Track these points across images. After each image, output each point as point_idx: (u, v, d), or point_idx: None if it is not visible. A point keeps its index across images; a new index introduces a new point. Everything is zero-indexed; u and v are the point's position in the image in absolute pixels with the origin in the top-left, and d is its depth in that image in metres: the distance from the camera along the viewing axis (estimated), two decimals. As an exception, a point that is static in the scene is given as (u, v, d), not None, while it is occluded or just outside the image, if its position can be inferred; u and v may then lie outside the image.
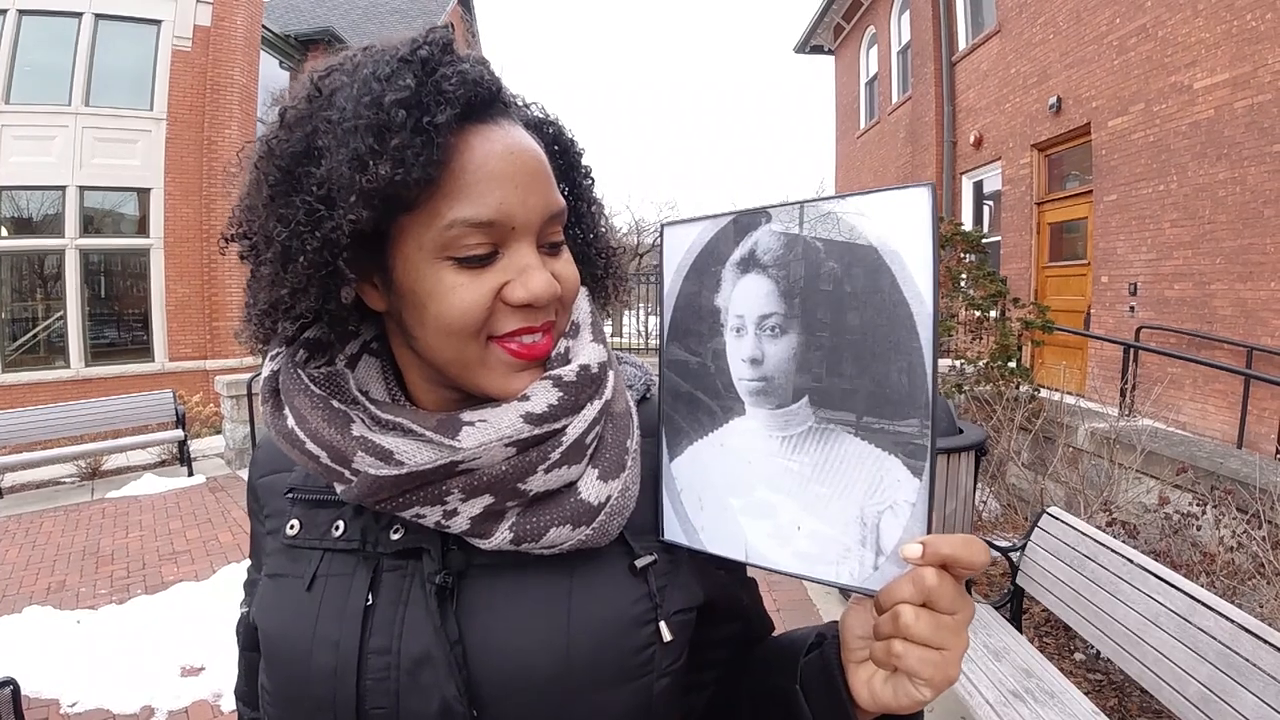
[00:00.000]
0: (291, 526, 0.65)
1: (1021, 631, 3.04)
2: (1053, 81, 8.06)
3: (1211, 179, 5.95)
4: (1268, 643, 1.91)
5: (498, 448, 0.54)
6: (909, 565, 0.48)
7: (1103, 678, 3.15)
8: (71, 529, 5.81)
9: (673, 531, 0.62)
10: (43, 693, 3.24)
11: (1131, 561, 2.50)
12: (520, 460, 0.55)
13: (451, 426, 0.55)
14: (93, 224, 10.89)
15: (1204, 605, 2.14)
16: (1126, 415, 5.34)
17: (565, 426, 0.56)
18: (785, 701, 0.59)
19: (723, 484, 0.58)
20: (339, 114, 0.51)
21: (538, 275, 0.55)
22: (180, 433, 7.72)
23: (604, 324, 0.69)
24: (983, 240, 6.89)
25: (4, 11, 10.01)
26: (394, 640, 0.57)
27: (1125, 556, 2.54)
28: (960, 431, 4.33)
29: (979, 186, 10.28)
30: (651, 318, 13.53)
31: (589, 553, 0.59)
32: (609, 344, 0.65)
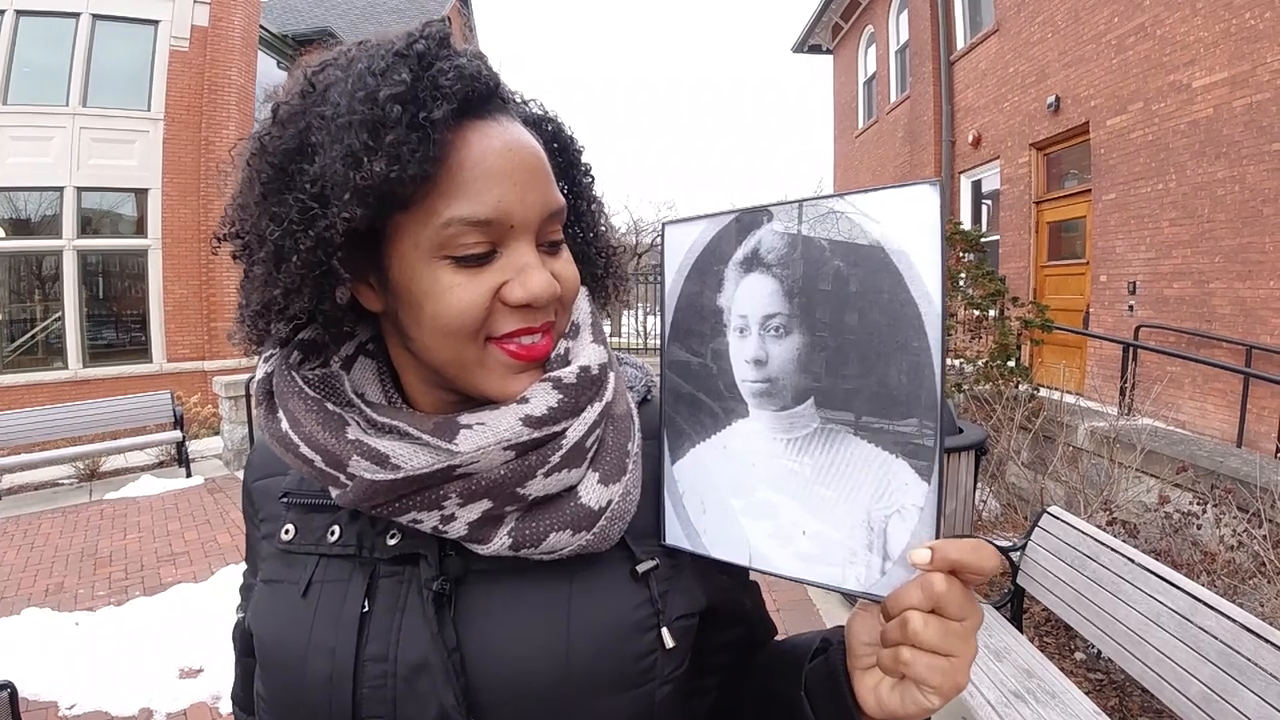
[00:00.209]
0: (286, 531, 0.64)
1: (1022, 631, 3.03)
2: (1051, 80, 8.06)
3: (1210, 178, 5.95)
4: (1269, 642, 1.90)
5: (496, 451, 0.53)
6: (917, 571, 0.47)
7: (1103, 677, 3.14)
8: (70, 530, 5.80)
9: (675, 536, 0.61)
10: (41, 695, 3.24)
11: (1132, 561, 2.49)
12: (519, 464, 0.54)
13: (449, 430, 0.53)
14: (90, 225, 10.85)
15: (1205, 605, 2.14)
16: (1126, 414, 5.34)
17: (565, 429, 0.55)
18: (789, 707, 0.58)
19: (726, 487, 0.57)
20: (333, 109, 0.49)
21: (537, 275, 0.54)
22: (178, 434, 7.71)
23: (604, 324, 0.68)
24: (981, 239, 6.89)
25: (1, 12, 9.98)
26: (391, 647, 0.56)
27: (1126, 556, 2.53)
28: (960, 431, 4.33)
29: (977, 186, 10.28)
30: (650, 317, 13.53)
31: (589, 558, 0.58)
32: (609, 345, 0.64)
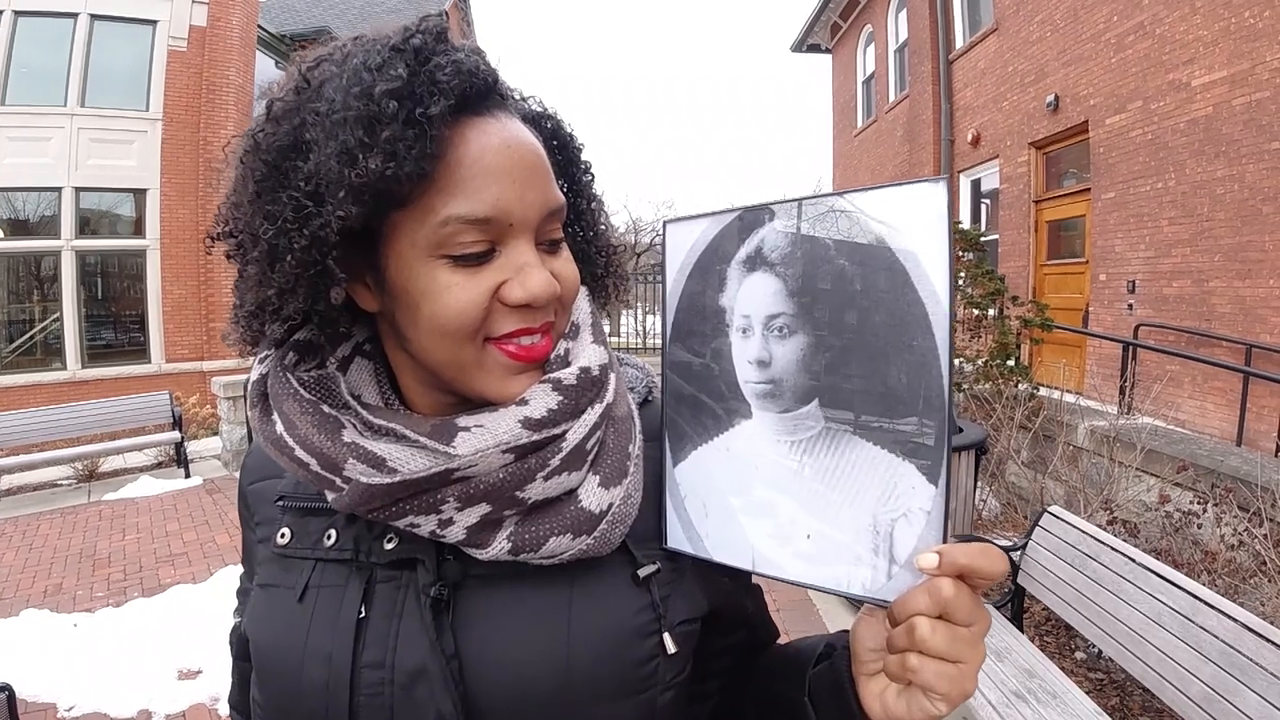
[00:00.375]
0: (282, 535, 0.63)
1: (1022, 631, 3.02)
2: (1050, 79, 8.05)
3: (1210, 176, 5.95)
4: (1271, 641, 1.90)
5: (495, 454, 0.52)
6: (923, 575, 0.46)
7: (1104, 677, 3.14)
8: (68, 531, 5.79)
9: (676, 539, 0.60)
10: (40, 696, 3.23)
11: (1133, 560, 2.49)
12: (518, 467, 0.53)
13: (446, 432, 0.52)
14: (89, 225, 10.82)
15: (1206, 604, 2.14)
16: (1126, 413, 5.33)
17: (565, 432, 0.54)
18: (793, 712, 0.58)
19: (728, 490, 0.56)
20: (327, 105, 0.48)
21: (536, 274, 0.53)
22: (177, 434, 7.71)
23: (604, 324, 0.67)
24: (981, 238, 6.88)
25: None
26: (388, 654, 0.55)
27: (1127, 555, 2.53)
28: (960, 430, 4.32)
29: (976, 185, 10.28)
30: (649, 317, 13.51)
31: (590, 562, 0.57)
32: (609, 345, 0.63)
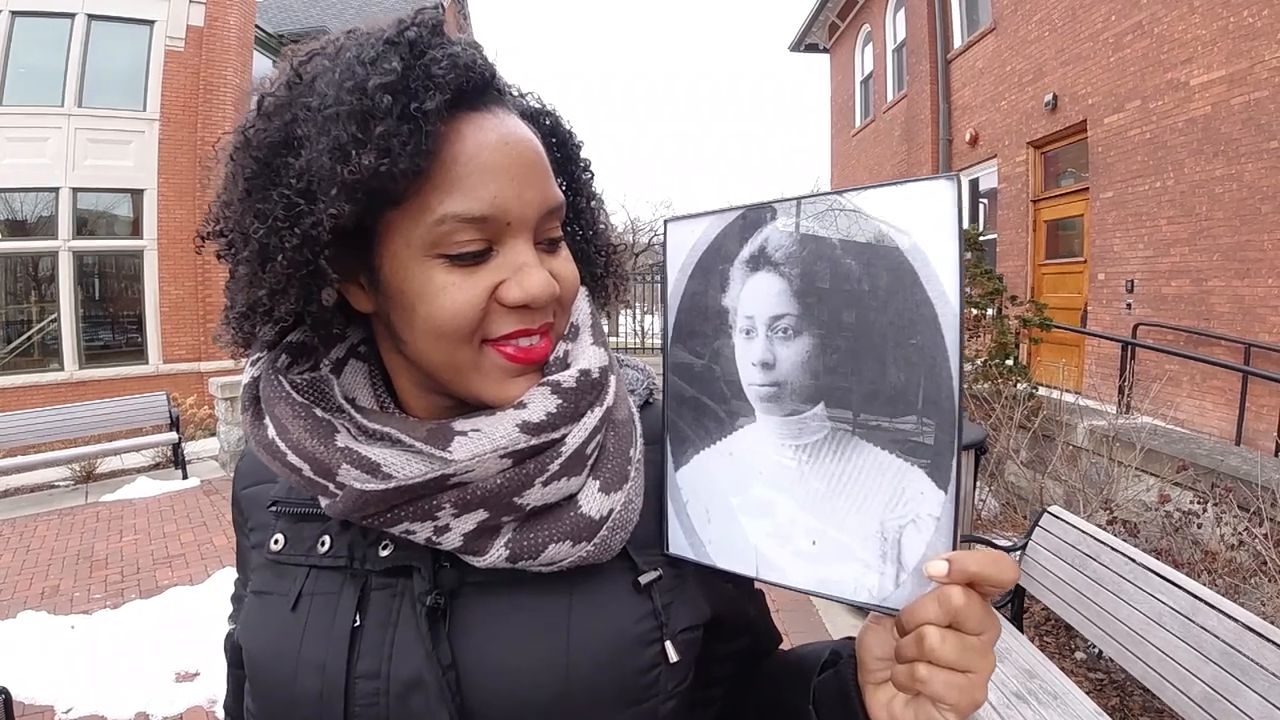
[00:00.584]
0: (276, 541, 0.61)
1: (1022, 631, 3.02)
2: (1048, 79, 8.04)
3: (1208, 175, 5.94)
4: (1271, 642, 1.89)
5: (492, 459, 0.50)
6: (932, 583, 0.44)
7: (1104, 677, 3.13)
8: (65, 533, 5.76)
9: (678, 545, 0.59)
10: (37, 699, 3.21)
11: (1133, 560, 2.48)
12: (516, 473, 0.51)
13: (443, 436, 0.51)
14: (86, 226, 10.80)
15: (1207, 604, 2.13)
16: (1125, 413, 5.33)
17: (564, 436, 0.53)
18: (796, 719, 0.56)
19: (731, 494, 0.55)
20: (320, 100, 0.47)
21: (535, 274, 0.51)
22: (174, 435, 7.68)
23: (604, 325, 0.65)
24: (979, 238, 6.88)
25: (-4, 12, 9.94)
26: (383, 663, 0.54)
27: (1127, 555, 2.52)
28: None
29: (975, 184, 10.27)
30: (648, 316, 13.49)
31: (590, 569, 0.56)
32: (610, 346, 0.62)
